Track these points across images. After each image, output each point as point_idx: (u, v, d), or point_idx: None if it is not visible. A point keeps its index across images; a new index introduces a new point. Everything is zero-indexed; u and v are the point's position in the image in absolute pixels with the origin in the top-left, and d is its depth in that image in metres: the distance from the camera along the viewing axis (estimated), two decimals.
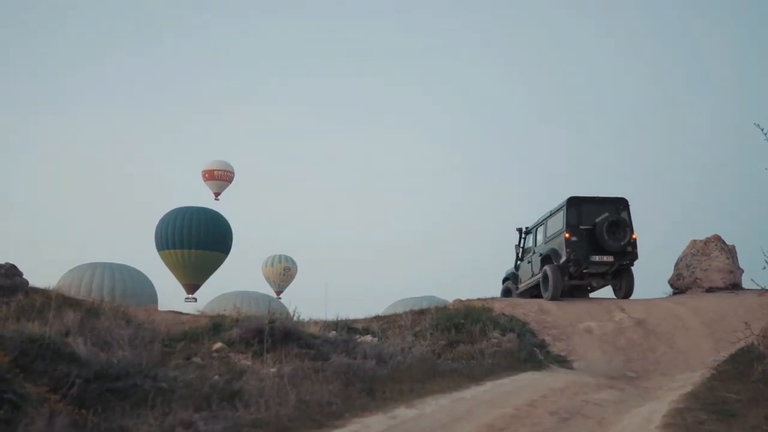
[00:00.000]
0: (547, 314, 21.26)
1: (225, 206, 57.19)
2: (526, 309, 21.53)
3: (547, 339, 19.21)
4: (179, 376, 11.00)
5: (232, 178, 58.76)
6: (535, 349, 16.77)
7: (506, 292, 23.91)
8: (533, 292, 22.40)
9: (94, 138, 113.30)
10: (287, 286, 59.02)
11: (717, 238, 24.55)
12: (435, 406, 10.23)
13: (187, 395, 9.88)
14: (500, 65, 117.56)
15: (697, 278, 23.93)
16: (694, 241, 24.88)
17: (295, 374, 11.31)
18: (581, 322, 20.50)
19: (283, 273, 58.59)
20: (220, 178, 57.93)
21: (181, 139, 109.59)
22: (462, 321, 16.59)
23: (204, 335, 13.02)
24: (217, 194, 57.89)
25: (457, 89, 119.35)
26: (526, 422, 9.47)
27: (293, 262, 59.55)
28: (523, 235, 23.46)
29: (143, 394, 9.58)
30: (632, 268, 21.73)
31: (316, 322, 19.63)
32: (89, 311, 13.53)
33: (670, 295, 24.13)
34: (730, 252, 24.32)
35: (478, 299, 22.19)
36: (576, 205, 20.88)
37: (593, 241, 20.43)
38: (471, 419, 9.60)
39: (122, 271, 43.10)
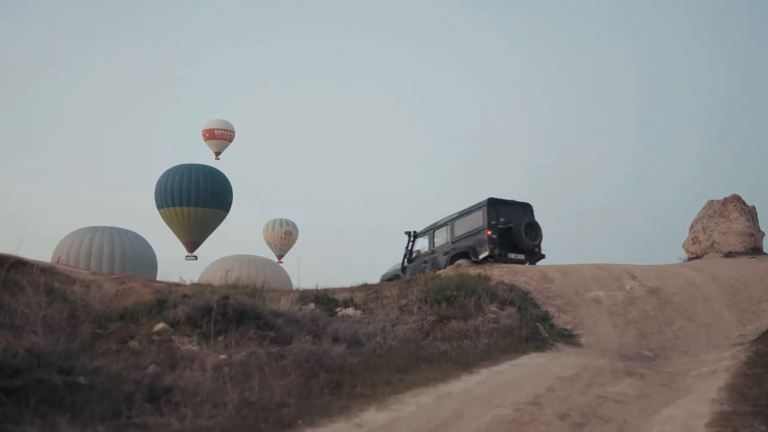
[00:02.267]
0: (550, 282, 19.30)
1: (225, 166, 55.66)
2: (527, 276, 19.58)
3: (551, 310, 17.30)
4: (105, 366, 8.97)
5: (233, 137, 57.15)
6: (538, 324, 14.77)
7: None
8: None
9: (90, 93, 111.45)
10: (288, 250, 57.51)
11: (736, 198, 22.55)
12: (414, 407, 8.15)
13: (107, 392, 7.85)
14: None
15: (714, 242, 22.02)
16: (711, 201, 22.97)
17: (246, 363, 9.31)
18: (588, 292, 18.62)
19: (284, 237, 57.14)
20: (220, 137, 56.41)
21: (183, 96, 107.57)
22: (454, 293, 14.44)
23: (145, 314, 10.91)
24: (217, 154, 56.38)
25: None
26: (529, 430, 7.38)
27: (294, 226, 58.09)
28: (412, 239, 24.46)
29: (48, 393, 7.55)
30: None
31: (290, 292, 17.74)
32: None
33: (685, 261, 22.28)
34: (751, 213, 22.32)
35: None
36: (494, 206, 22.24)
37: (510, 239, 22.02)
38: (459, 426, 7.51)
39: (122, 235, 41.82)
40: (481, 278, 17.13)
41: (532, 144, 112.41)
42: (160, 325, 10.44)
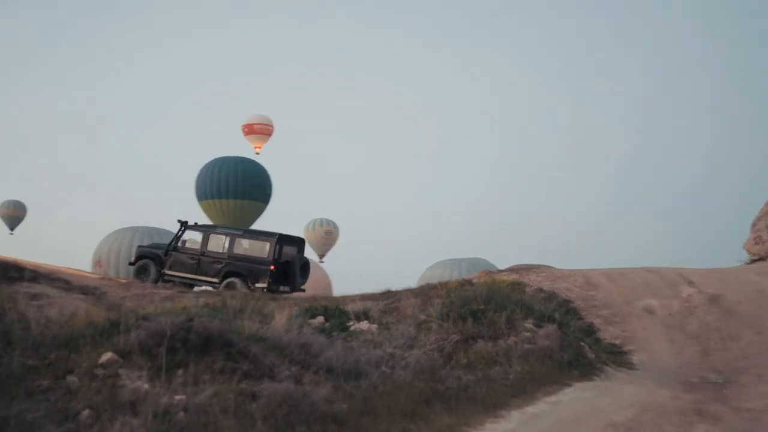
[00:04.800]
0: (595, 289, 17.11)
1: (266, 160, 55.06)
2: (569, 282, 17.39)
3: (597, 322, 15.16)
4: (22, 413, 6.90)
5: (272, 131, 56.67)
6: (582, 343, 12.45)
7: (142, 271, 24.17)
8: (186, 282, 23.47)
9: (127, 87, 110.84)
10: (329, 249, 57.17)
11: None
12: None
13: None
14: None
15: None
16: None
17: (206, 407, 7.17)
18: (639, 300, 16.47)
19: (325, 236, 56.86)
20: (260, 131, 55.85)
21: (222, 94, 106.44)
22: (482, 307, 12.08)
23: (93, 339, 8.72)
24: (257, 148, 55.84)
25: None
26: None
27: (335, 226, 57.66)
28: (183, 228, 24.28)
29: None
30: None
31: (295, 303, 15.74)
32: None
33: (747, 263, 19.92)
34: None
35: (523, 266, 18.26)
36: (280, 242, 23.13)
37: (285, 274, 23.14)
38: None
39: (162, 235, 40.74)
40: (516, 287, 14.79)
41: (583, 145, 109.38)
42: (107, 356, 8.25)
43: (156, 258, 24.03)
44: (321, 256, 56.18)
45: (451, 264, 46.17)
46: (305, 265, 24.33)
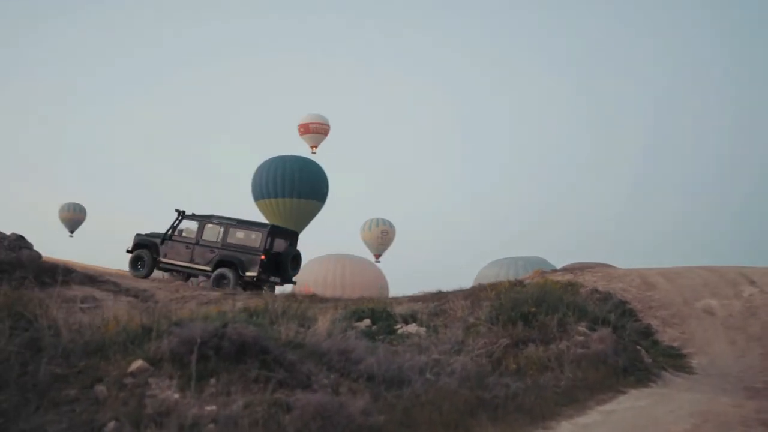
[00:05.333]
0: (653, 289, 16.48)
1: (322, 159, 55.50)
2: (625, 282, 16.79)
3: (655, 323, 14.58)
4: (44, 425, 6.61)
5: (328, 131, 57.05)
6: (638, 347, 11.89)
7: (138, 261, 24.73)
8: (181, 271, 24.57)
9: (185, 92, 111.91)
10: (386, 249, 56.66)
11: None
12: None
13: None
14: None
15: None
16: None
17: (237, 419, 6.82)
18: (698, 300, 15.81)
19: (381, 236, 56.34)
20: (315, 131, 56.32)
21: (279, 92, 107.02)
22: (532, 309, 11.57)
23: (125, 346, 8.39)
24: (313, 147, 56.35)
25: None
26: None
27: (391, 225, 57.20)
28: (180, 217, 24.89)
29: None
30: None
31: (335, 306, 15.39)
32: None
33: None
34: None
35: (578, 264, 17.78)
36: (272, 234, 23.83)
37: (276, 265, 23.71)
38: None
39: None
40: (569, 288, 14.23)
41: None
42: (137, 364, 7.93)
43: (152, 246, 24.55)
44: (377, 256, 55.79)
45: (507, 263, 45.45)
46: (296, 257, 24.82)
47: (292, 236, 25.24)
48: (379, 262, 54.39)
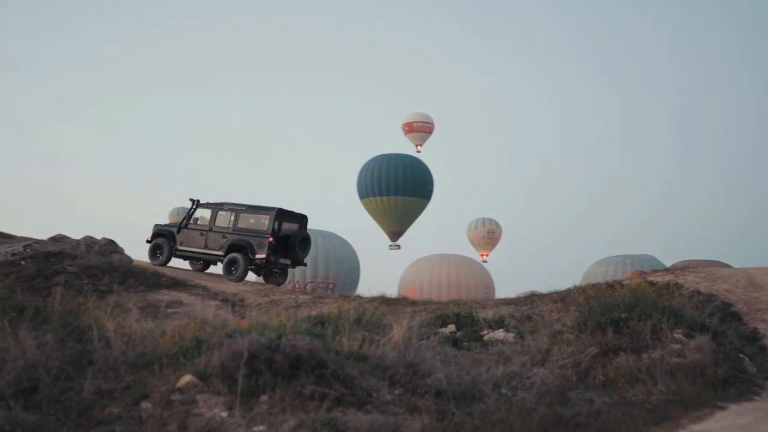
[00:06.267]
0: (760, 290, 15.43)
1: (427, 158, 55.47)
2: (730, 283, 15.73)
3: (761, 328, 13.46)
4: None
5: (432, 129, 57.38)
6: (741, 356, 10.93)
7: (156, 249, 25.50)
8: (196, 258, 25.71)
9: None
10: (492, 248, 56.39)
11: None
12: None
13: None
14: None
15: None
16: None
17: None
18: None
19: (488, 236, 56.08)
20: (419, 129, 56.85)
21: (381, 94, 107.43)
22: (624, 315, 10.69)
23: (170, 360, 7.90)
24: (418, 146, 56.71)
25: None
26: None
27: (497, 225, 56.80)
28: (195, 206, 25.90)
29: None
30: None
31: (414, 309, 14.82)
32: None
33: None
34: None
35: (686, 263, 16.78)
36: (279, 216, 24.44)
37: (285, 248, 24.61)
38: None
39: (325, 237, 42.49)
40: (664, 290, 13.27)
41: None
42: (186, 379, 7.49)
43: (170, 235, 25.61)
44: (484, 255, 55.39)
45: (615, 261, 44.19)
46: (305, 238, 25.44)
47: (301, 219, 25.78)
48: (485, 261, 53.93)
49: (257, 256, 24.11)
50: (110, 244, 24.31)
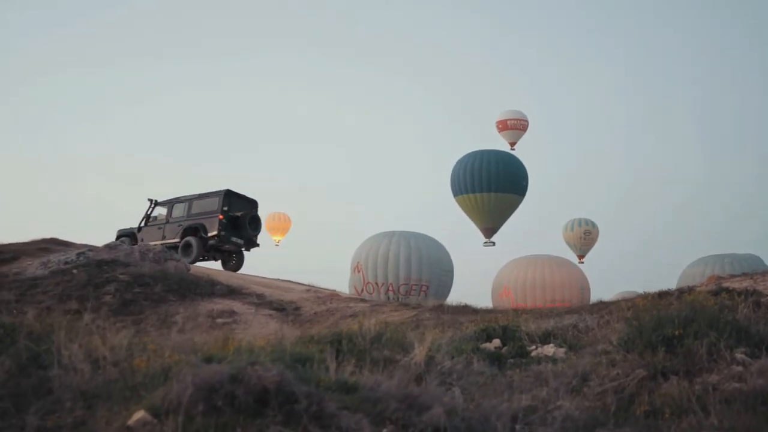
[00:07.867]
0: None
1: (522, 156, 55.05)
2: None
3: None
4: None
5: (527, 126, 57.21)
6: None
7: None
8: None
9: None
10: (589, 249, 55.58)
11: None
12: None
13: None
14: None
15: None
16: None
17: None
18: None
19: (584, 237, 55.29)
20: (514, 127, 56.69)
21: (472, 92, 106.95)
22: (678, 332, 9.25)
23: (131, 391, 6.81)
24: (512, 144, 56.56)
25: None
26: None
27: (594, 225, 55.86)
28: (153, 205, 28.70)
29: None
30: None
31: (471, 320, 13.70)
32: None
33: None
34: None
35: None
36: (228, 196, 26.97)
37: (236, 226, 27.07)
38: None
39: (418, 239, 42.38)
40: (725, 302, 11.64)
41: None
42: (138, 415, 6.40)
43: (131, 235, 28.17)
44: (581, 257, 54.46)
45: (713, 261, 42.10)
46: (255, 217, 27.93)
47: (251, 202, 28.21)
48: (582, 263, 52.86)
49: (209, 233, 26.42)
50: (165, 251, 23.87)
